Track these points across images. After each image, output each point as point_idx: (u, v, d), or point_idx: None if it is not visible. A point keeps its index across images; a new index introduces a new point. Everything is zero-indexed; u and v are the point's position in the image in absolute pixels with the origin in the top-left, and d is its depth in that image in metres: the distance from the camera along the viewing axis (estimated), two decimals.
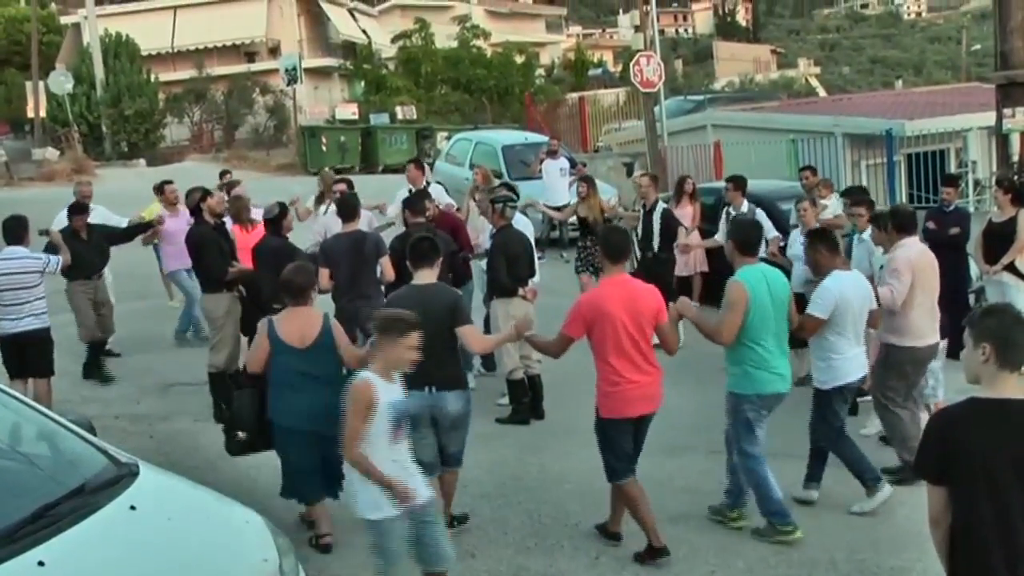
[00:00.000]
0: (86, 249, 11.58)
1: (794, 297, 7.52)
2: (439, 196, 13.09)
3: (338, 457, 6.76)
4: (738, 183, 12.68)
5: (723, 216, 12.73)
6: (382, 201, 13.92)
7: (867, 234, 9.54)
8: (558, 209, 16.38)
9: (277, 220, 10.11)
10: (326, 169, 16.98)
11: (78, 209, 11.90)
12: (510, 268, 9.98)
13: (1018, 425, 4.00)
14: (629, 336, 6.70)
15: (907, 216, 8.55)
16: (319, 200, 13.43)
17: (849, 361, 7.52)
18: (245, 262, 10.41)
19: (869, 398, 8.67)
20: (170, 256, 13.22)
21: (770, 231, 11.78)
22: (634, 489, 6.90)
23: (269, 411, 7.10)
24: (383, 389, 5.59)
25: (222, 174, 15.76)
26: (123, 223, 13.00)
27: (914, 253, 8.20)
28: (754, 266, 7.20)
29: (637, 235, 12.47)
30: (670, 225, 12.59)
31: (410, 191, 13.30)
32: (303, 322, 7.03)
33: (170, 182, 13.98)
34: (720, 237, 12.03)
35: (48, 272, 10.25)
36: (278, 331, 7.00)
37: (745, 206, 12.43)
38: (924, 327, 8.09)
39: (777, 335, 7.11)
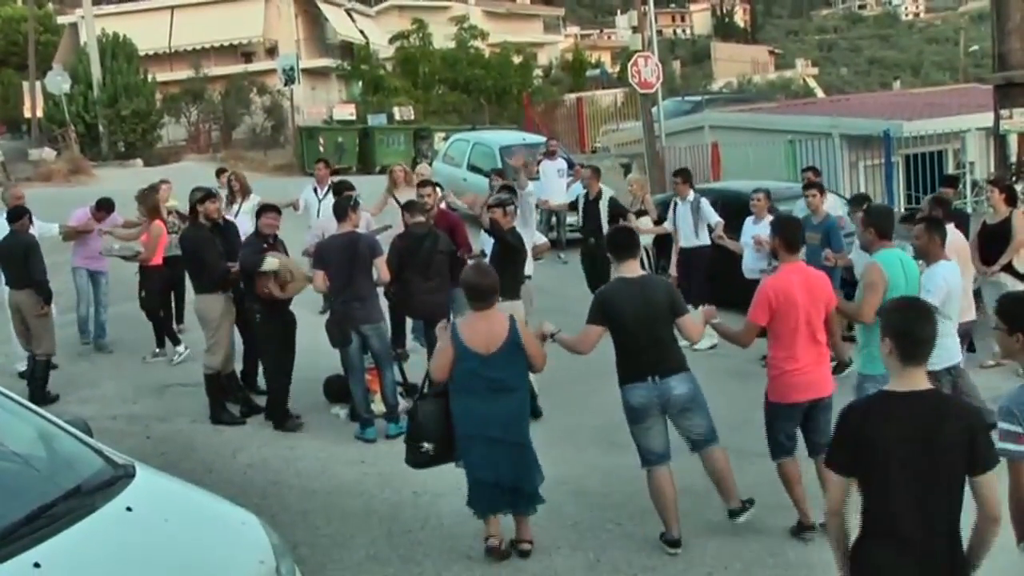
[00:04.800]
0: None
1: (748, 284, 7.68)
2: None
3: (528, 468, 6.79)
4: (685, 176, 13.59)
5: (671, 207, 13.52)
6: (295, 198, 14.36)
7: None
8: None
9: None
10: (235, 171, 16.49)
11: (17, 215, 11.38)
12: (517, 268, 9.88)
13: (918, 416, 4.09)
14: (809, 323, 6.83)
15: (948, 205, 10.11)
16: (230, 201, 13.46)
17: (955, 342, 7.94)
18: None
19: None
20: (79, 255, 12.91)
21: (712, 217, 12.43)
22: (792, 469, 7.06)
23: (453, 419, 6.81)
24: None
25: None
26: (54, 229, 12.65)
27: (955, 238, 9.07)
28: (891, 250, 7.45)
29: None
30: (616, 213, 13.57)
31: (314, 190, 13.53)
32: (489, 327, 6.67)
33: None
34: (668, 226, 13.45)
35: None
36: (461, 336, 6.65)
37: (691, 196, 13.19)
38: (964, 305, 8.85)
39: None
